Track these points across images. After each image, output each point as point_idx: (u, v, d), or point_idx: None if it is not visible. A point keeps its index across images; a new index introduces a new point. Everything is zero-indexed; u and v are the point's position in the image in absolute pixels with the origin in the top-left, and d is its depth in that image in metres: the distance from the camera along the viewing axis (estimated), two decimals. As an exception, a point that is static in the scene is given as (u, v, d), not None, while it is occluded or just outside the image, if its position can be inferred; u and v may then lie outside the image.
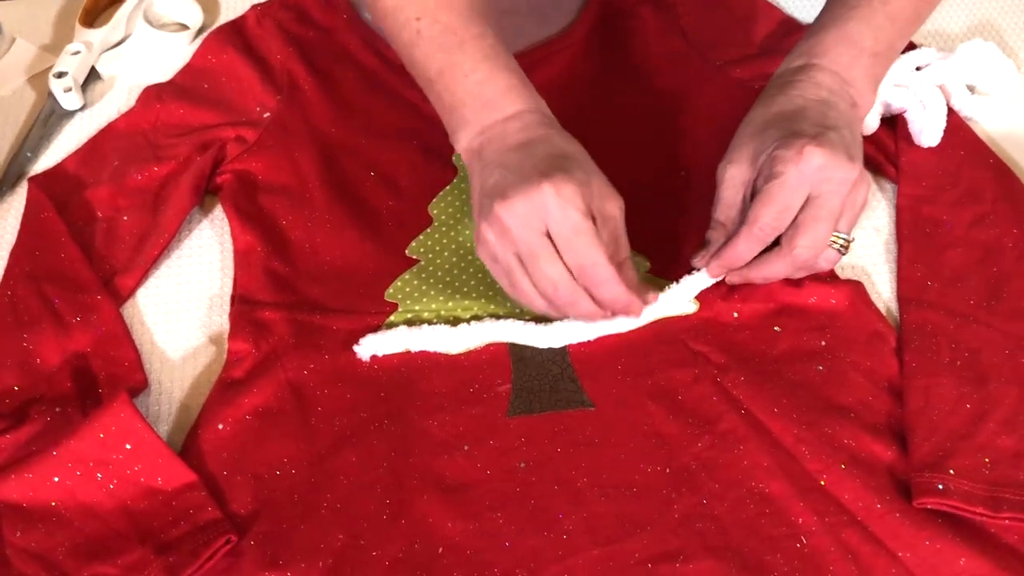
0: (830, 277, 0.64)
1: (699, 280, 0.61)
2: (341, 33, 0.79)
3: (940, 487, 0.52)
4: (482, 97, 0.58)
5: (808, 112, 0.58)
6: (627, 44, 0.78)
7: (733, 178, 0.59)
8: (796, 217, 0.56)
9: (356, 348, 0.60)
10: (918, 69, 0.72)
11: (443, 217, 0.68)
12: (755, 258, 0.58)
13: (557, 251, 0.54)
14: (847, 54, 0.60)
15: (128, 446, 0.54)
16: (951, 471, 0.53)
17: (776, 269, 0.59)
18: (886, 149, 0.71)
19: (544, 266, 0.54)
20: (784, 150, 0.55)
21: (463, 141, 0.59)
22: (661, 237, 0.66)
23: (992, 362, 0.59)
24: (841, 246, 0.58)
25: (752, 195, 0.58)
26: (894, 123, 0.71)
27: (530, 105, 0.59)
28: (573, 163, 0.55)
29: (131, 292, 0.65)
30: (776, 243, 0.58)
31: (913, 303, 0.62)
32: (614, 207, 0.56)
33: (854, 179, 0.56)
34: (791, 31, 0.77)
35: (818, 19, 0.63)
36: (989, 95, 0.73)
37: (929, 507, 0.53)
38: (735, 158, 0.59)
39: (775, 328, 0.61)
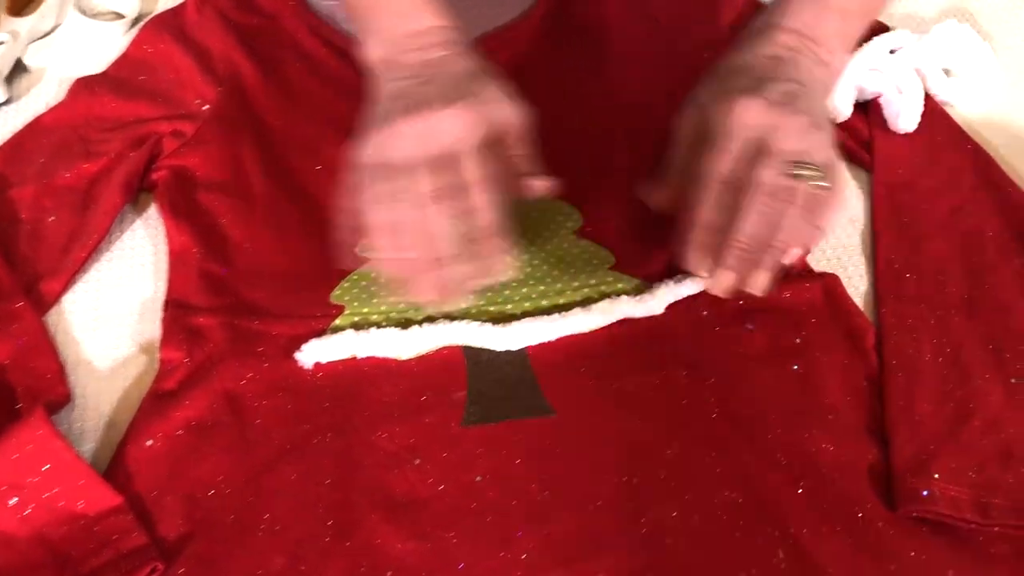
0: (804, 271, 0.60)
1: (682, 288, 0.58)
2: (286, 20, 0.75)
3: (925, 493, 0.49)
4: (395, 7, 0.57)
5: (752, 68, 0.55)
6: (589, 28, 0.74)
7: (683, 129, 0.57)
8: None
9: (298, 355, 0.56)
10: (892, 52, 0.69)
11: (394, 213, 0.64)
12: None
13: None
14: (810, 11, 0.57)
15: (45, 467, 0.50)
16: (936, 475, 0.50)
17: (754, 228, 0.51)
18: (859, 135, 0.67)
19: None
20: (721, 103, 0.53)
21: (373, 49, 0.57)
22: (625, 231, 0.62)
23: (975, 358, 0.55)
24: (812, 178, 0.51)
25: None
26: (867, 109, 0.68)
27: (444, 22, 0.57)
28: (480, 85, 0.54)
29: (57, 297, 0.61)
30: None
31: (891, 297, 0.59)
32: (516, 125, 0.55)
33: (805, 125, 0.52)
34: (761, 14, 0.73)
35: None
36: (964, 78, 0.70)
37: (914, 515, 0.49)
38: (689, 107, 0.57)
39: (747, 326, 0.57)
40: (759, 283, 0.52)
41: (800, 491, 0.51)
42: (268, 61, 0.72)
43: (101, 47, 0.75)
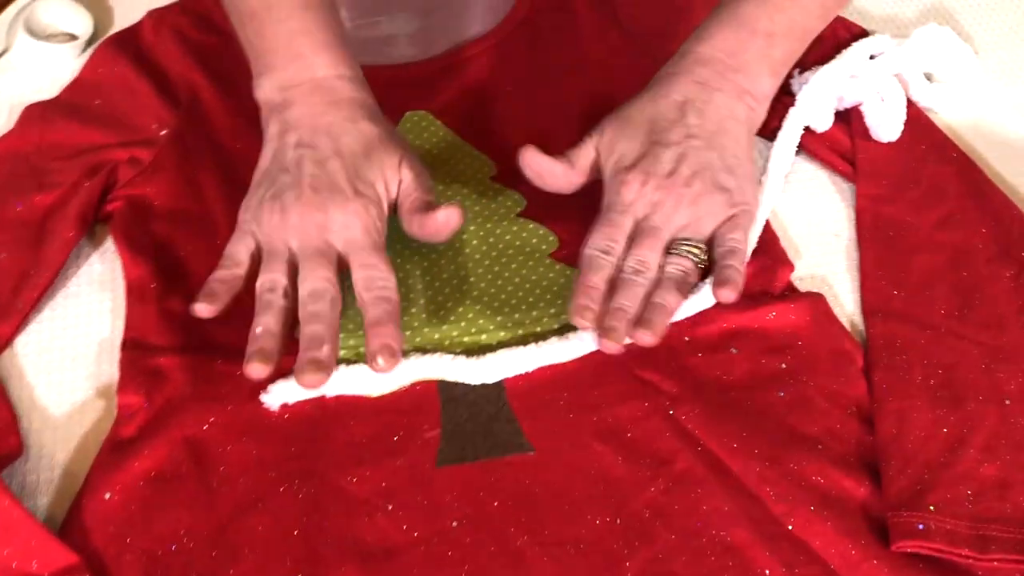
0: (788, 290, 0.58)
1: (689, 306, 0.56)
2: (247, 39, 0.72)
3: (920, 527, 0.47)
4: (293, 49, 0.55)
5: (657, 122, 0.57)
6: (559, 40, 0.71)
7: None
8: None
9: (264, 396, 0.53)
10: (872, 58, 0.67)
11: (362, 240, 0.61)
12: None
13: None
14: (734, 38, 0.57)
15: (-5, 527, 0.47)
16: (931, 507, 0.48)
17: (632, 296, 0.54)
18: (840, 146, 0.65)
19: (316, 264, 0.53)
20: (612, 178, 0.56)
21: (264, 89, 0.57)
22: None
23: (968, 378, 0.53)
24: (695, 256, 0.55)
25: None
26: (848, 118, 0.66)
27: (342, 71, 0.56)
28: (374, 159, 0.55)
29: (8, 341, 0.58)
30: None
31: (879, 315, 0.57)
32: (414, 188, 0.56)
33: (689, 196, 0.55)
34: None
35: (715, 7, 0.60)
36: (947, 83, 0.68)
37: (909, 551, 0.47)
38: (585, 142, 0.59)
39: (731, 350, 0.55)
40: (644, 339, 0.52)
41: (791, 527, 0.48)
42: (228, 82, 0.69)
43: (53, 70, 0.72)
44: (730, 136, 0.57)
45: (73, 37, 0.74)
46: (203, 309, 0.52)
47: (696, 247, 0.55)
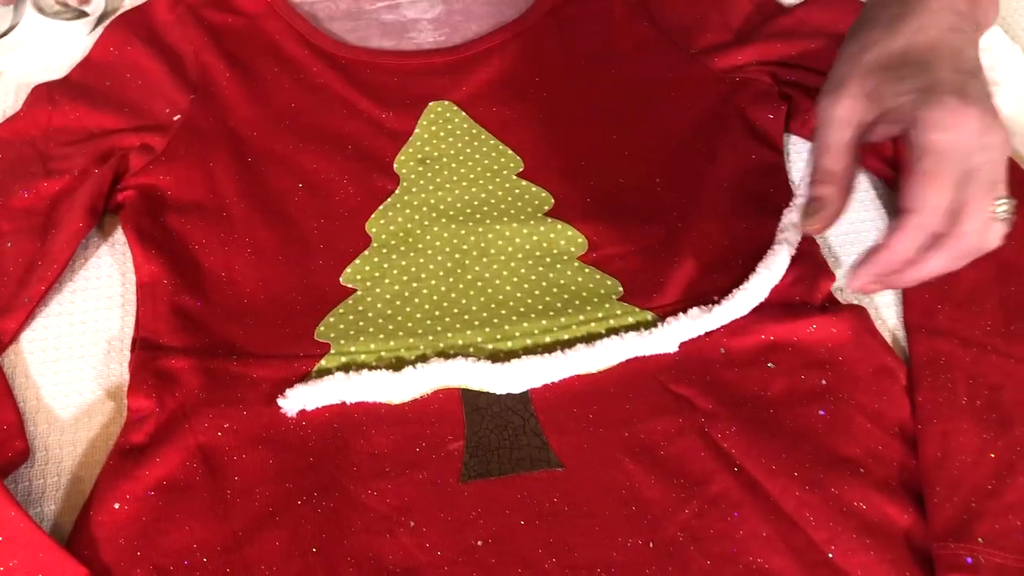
0: (829, 302, 0.56)
1: (723, 313, 0.53)
2: (266, 20, 0.69)
3: (969, 560, 0.45)
4: None
5: (942, 50, 0.47)
6: (588, 30, 0.68)
7: (843, 117, 0.48)
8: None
9: (281, 402, 0.51)
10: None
11: (383, 237, 0.59)
12: None
13: None
14: None
15: (0, 539, 0.45)
16: (980, 540, 0.46)
17: (937, 264, 0.47)
18: (883, 151, 0.62)
19: None
20: (932, 110, 0.45)
21: None
22: (633, 257, 0.57)
23: (1015, 400, 0.51)
24: (1007, 213, 0.47)
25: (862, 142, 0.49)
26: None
27: None
28: None
29: (13, 336, 0.55)
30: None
31: (923, 331, 0.55)
32: None
33: (1004, 137, 0.46)
34: (770, 15, 0.68)
35: None
36: (998, 84, 0.66)
37: (956, 585, 0.45)
38: (848, 91, 0.48)
39: (768, 364, 0.53)
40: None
41: (831, 555, 0.46)
42: (245, 66, 0.67)
43: (62, 49, 0.69)
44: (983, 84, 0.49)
45: (83, 14, 0.72)
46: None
47: (1012, 203, 0.47)
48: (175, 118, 0.64)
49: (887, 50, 0.48)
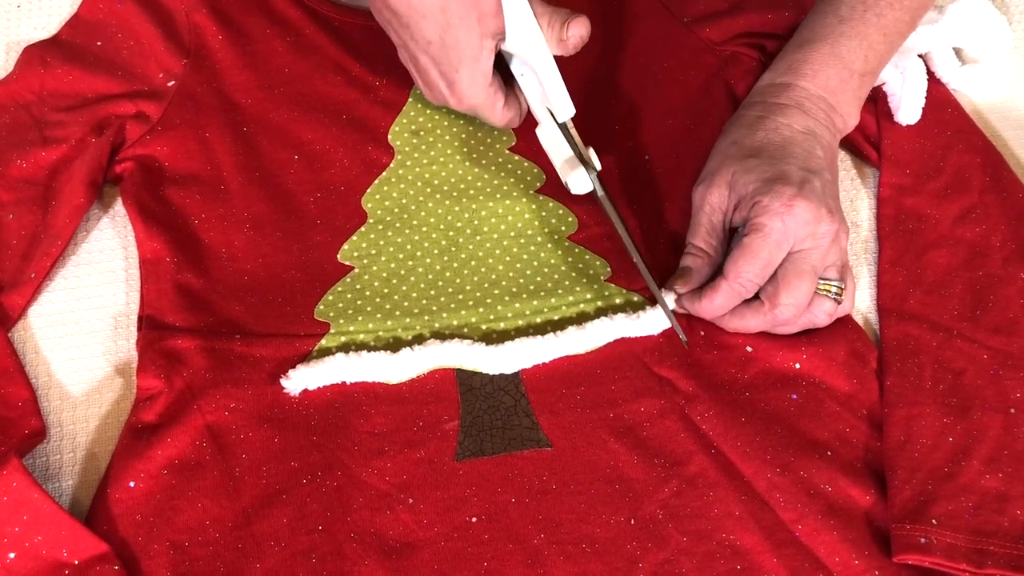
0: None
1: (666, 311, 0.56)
2: (257, -23, 0.68)
3: (922, 541, 0.49)
4: None
5: (794, 148, 0.55)
6: (600, 10, 0.68)
7: (711, 204, 0.55)
8: (776, 272, 0.53)
9: (284, 382, 0.54)
10: (904, 35, 0.65)
11: (379, 212, 0.61)
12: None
13: None
14: (836, 76, 0.57)
15: (25, 517, 0.48)
16: (933, 521, 0.49)
17: (754, 323, 0.55)
18: (867, 128, 0.64)
19: None
20: (769, 199, 0.52)
21: None
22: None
23: (975, 385, 0.54)
24: (835, 294, 0.54)
25: (728, 226, 0.55)
26: (875, 98, 0.64)
27: None
28: None
29: (21, 312, 0.57)
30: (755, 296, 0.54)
31: (894, 314, 0.57)
32: None
33: (836, 230, 0.53)
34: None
35: (807, 28, 0.59)
36: (978, 62, 0.67)
37: (910, 563, 0.49)
38: (715, 181, 0.55)
39: (747, 348, 0.56)
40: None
41: (798, 534, 0.50)
42: (238, 27, 0.66)
43: (53, 5, 0.68)
44: (832, 185, 0.56)
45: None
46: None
47: (839, 285, 0.54)
48: (169, 84, 0.64)
49: (747, 145, 0.55)
